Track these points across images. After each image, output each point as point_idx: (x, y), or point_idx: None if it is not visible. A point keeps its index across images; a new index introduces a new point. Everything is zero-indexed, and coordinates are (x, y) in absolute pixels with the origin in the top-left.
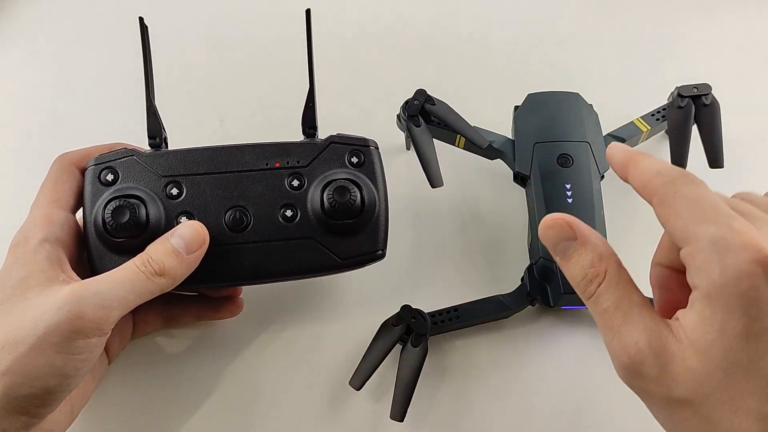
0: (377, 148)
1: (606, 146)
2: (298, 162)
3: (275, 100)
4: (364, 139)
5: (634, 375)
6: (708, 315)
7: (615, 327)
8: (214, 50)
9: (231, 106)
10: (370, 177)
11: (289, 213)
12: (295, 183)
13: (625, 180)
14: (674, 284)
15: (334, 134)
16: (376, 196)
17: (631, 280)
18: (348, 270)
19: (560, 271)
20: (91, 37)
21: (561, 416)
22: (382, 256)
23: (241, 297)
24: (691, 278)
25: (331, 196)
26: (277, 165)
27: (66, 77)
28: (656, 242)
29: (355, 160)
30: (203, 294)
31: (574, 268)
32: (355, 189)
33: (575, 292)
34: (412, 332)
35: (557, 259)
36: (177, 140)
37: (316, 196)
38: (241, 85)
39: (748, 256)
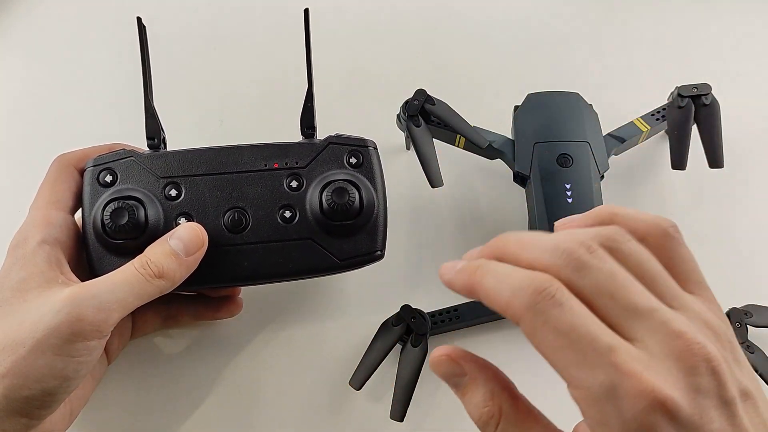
0: (376, 148)
1: (606, 146)
2: (296, 163)
3: (275, 101)
4: (363, 140)
5: None
6: None
7: None
8: (214, 50)
9: (231, 106)
10: (368, 178)
11: (287, 214)
12: (294, 184)
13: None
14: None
15: (333, 134)
16: (375, 196)
17: (530, 409)
18: (347, 270)
19: None
20: (90, 38)
21: (561, 416)
22: (381, 256)
23: (240, 297)
24: (591, 427)
25: (329, 197)
26: (276, 166)
27: (65, 77)
28: None
29: (353, 160)
30: (202, 294)
31: (468, 407)
32: (354, 190)
33: None
34: (412, 332)
35: (455, 392)
36: (177, 141)
37: (314, 197)
38: (241, 85)
39: (644, 403)
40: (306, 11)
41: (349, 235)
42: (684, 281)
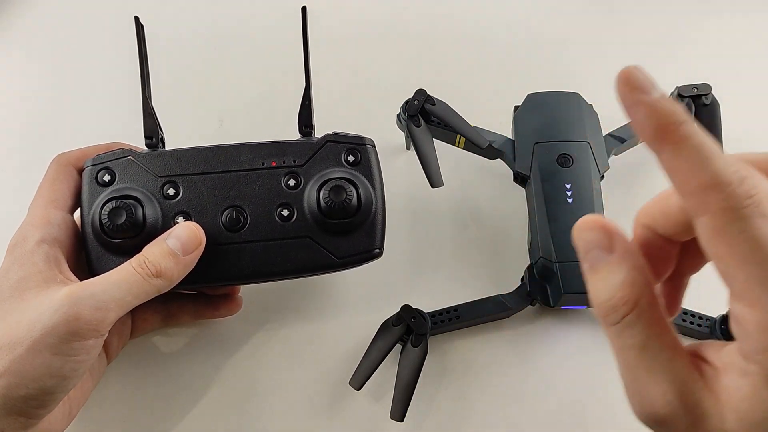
0: (374, 146)
1: (606, 146)
2: (294, 161)
3: (275, 100)
4: (361, 138)
5: (658, 425)
6: (766, 396)
7: (638, 370)
8: (213, 50)
9: (230, 106)
10: (366, 175)
11: (285, 212)
12: (292, 182)
13: (653, 152)
14: (665, 255)
15: (331, 133)
16: (373, 194)
17: (663, 317)
18: (345, 269)
19: (560, 271)
20: (89, 37)
21: (561, 415)
22: (380, 254)
23: (240, 295)
24: (748, 347)
25: (327, 195)
26: (274, 164)
27: (64, 77)
28: None
29: (351, 158)
30: (202, 293)
31: (599, 285)
32: (351, 188)
33: (575, 292)
34: (412, 332)
35: (585, 266)
36: (177, 141)
37: (312, 195)
38: (241, 85)
39: None
40: (303, 9)
41: (348, 233)
42: None
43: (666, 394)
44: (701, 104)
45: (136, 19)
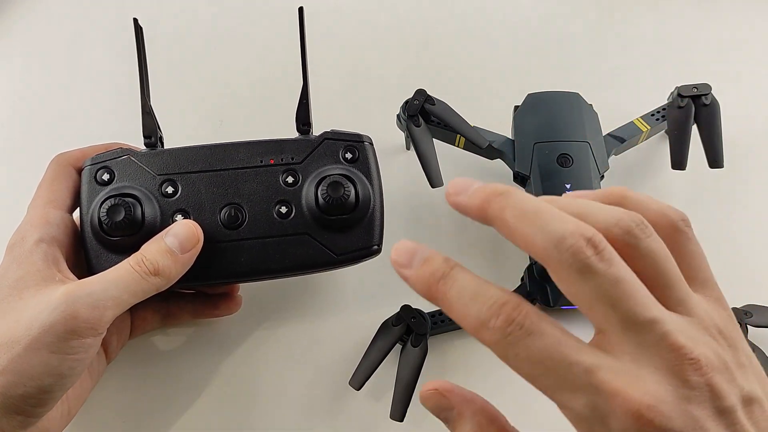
0: (371, 143)
1: (606, 146)
2: (292, 158)
3: (274, 99)
4: (358, 135)
5: None
6: None
7: None
8: (212, 50)
9: (229, 105)
10: (364, 172)
11: (283, 209)
12: (290, 179)
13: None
14: None
15: (328, 130)
16: (371, 191)
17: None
18: (344, 266)
19: None
20: (89, 38)
21: (561, 415)
22: (378, 251)
23: (239, 294)
24: None
25: (325, 191)
26: (272, 162)
27: (64, 77)
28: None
29: (349, 155)
30: (201, 291)
31: None
32: (349, 184)
33: None
34: (412, 332)
35: (447, 426)
36: (176, 140)
37: (310, 192)
38: (240, 85)
39: (632, 420)
40: (300, 10)
41: (346, 229)
42: (692, 279)
43: None
44: (701, 104)
45: (135, 21)
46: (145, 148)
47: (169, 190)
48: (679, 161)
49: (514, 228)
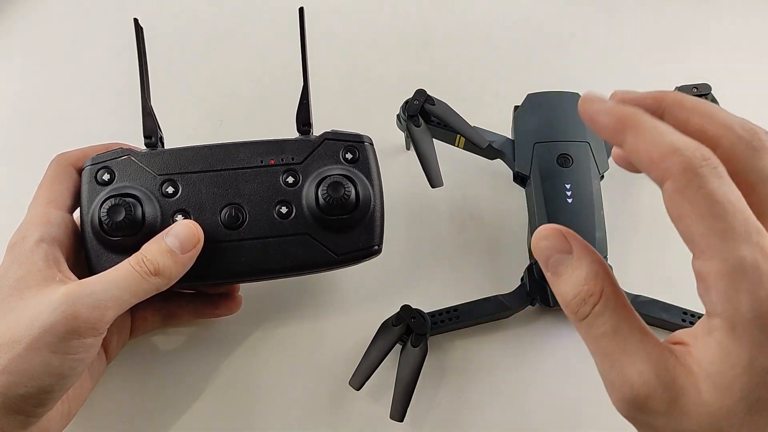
0: (372, 143)
1: (606, 146)
2: (292, 159)
3: (274, 99)
4: (359, 135)
5: (638, 409)
6: (732, 349)
7: (614, 355)
8: (213, 50)
9: (230, 105)
10: (364, 172)
11: (284, 210)
12: (290, 180)
13: (618, 146)
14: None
15: (329, 131)
16: (371, 191)
17: (627, 302)
18: (344, 266)
19: None
20: (89, 38)
21: (561, 415)
22: (378, 251)
23: (239, 294)
24: (710, 302)
25: (325, 191)
26: (272, 162)
27: (64, 77)
28: (658, 243)
29: (349, 156)
30: (202, 291)
31: (565, 285)
32: (350, 184)
33: None
34: (412, 332)
35: (548, 275)
36: (176, 140)
37: (310, 192)
38: (240, 85)
39: None
40: (301, 10)
41: (346, 230)
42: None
43: (642, 373)
44: None
45: (135, 21)
46: (145, 148)
47: (170, 190)
48: None
49: (653, 135)
